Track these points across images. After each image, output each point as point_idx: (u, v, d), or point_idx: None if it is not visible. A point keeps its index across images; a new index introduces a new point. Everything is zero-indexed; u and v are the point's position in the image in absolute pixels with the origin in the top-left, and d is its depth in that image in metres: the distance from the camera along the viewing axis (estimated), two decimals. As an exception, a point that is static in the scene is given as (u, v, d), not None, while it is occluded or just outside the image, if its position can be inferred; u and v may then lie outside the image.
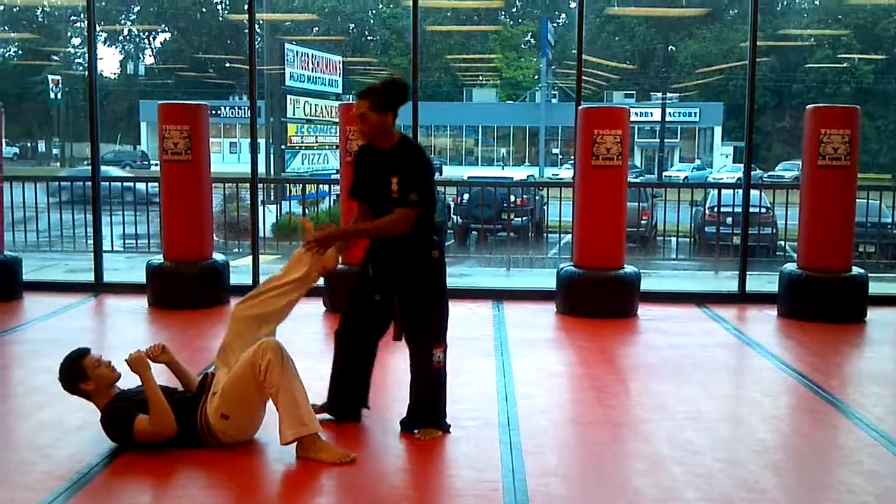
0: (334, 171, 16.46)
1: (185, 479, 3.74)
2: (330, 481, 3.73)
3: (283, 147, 16.54)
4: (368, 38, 58.24)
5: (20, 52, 56.51)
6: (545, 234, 15.31)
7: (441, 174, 40.48)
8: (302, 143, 16.93)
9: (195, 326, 6.79)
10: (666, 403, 4.91)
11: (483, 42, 53.85)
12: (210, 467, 3.84)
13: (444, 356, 4.32)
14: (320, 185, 15.36)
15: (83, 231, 10.27)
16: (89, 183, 8.55)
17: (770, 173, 35.01)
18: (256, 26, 8.23)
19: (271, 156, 17.83)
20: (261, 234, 8.81)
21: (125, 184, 12.62)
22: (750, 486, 3.74)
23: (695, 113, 46.98)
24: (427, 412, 4.29)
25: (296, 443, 3.88)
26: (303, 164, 16.95)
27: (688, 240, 14.62)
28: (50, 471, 3.80)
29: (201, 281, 7.46)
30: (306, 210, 12.28)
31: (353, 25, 57.83)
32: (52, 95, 46.58)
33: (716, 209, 11.86)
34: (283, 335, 6.43)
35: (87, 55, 8.74)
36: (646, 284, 7.68)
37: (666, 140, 41.99)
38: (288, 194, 14.56)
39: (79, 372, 3.95)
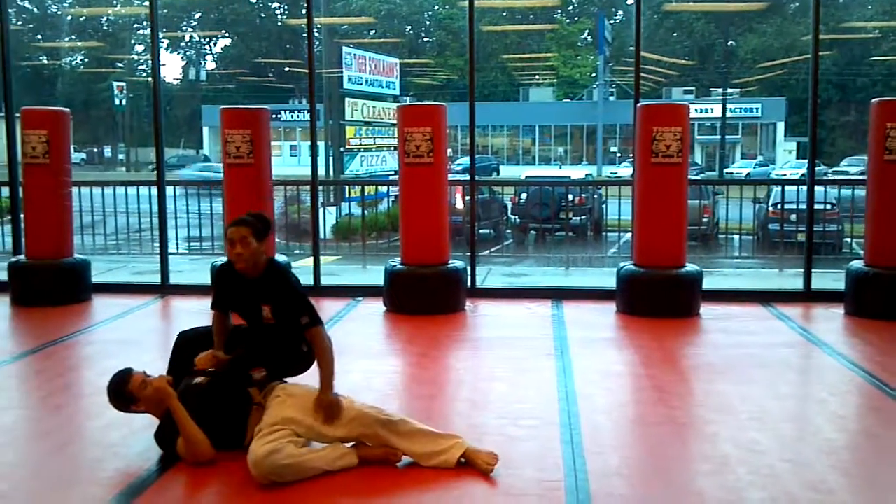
0: (392, 172, 16.56)
1: (251, 481, 3.80)
2: (392, 481, 3.76)
3: (341, 149, 16.70)
4: (424, 39, 58.49)
5: (86, 60, 57.97)
6: (604, 233, 15.21)
7: (498, 174, 40.48)
8: (360, 145, 17.08)
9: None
10: (730, 403, 4.84)
11: (539, 41, 53.68)
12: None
13: None
14: (379, 187, 15.48)
15: (149, 234, 10.51)
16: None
17: (835, 168, 34.25)
18: (314, 30, 8.32)
19: (330, 158, 18.01)
20: (321, 235, 8.90)
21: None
22: (817, 486, 3.68)
23: (756, 108, 46.20)
24: None
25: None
26: (361, 165, 17.09)
27: (751, 237, 14.38)
28: (120, 468, 3.89)
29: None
30: (365, 211, 12.36)
31: (409, 27, 58.12)
32: (117, 102, 47.67)
33: (779, 206, 11.65)
34: (345, 335, 6.54)
35: (150, 62, 8.95)
36: (708, 283, 7.59)
37: (727, 136, 41.33)
38: (347, 196, 14.69)
39: (127, 397, 4.00)
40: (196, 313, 7.40)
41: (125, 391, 3.99)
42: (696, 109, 35.38)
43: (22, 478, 3.87)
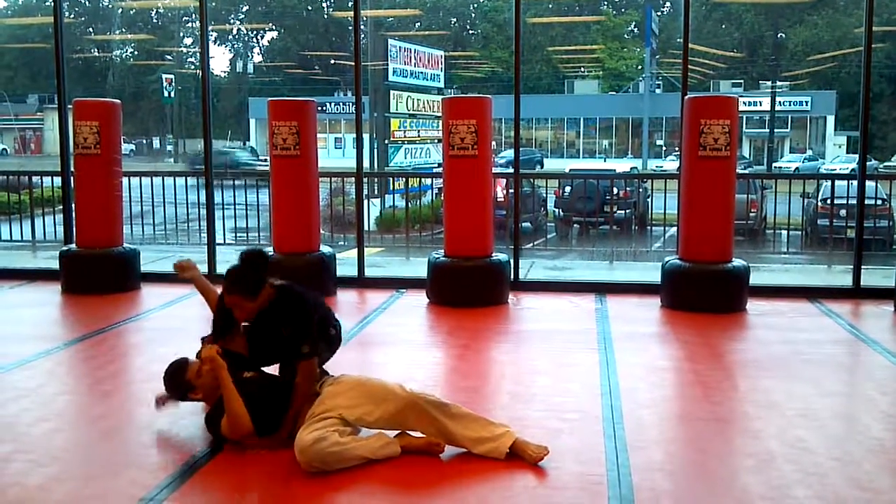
0: (436, 165, 16.60)
1: (294, 465, 3.85)
2: (436, 473, 3.78)
3: (386, 142, 16.78)
4: (470, 31, 58.37)
5: (136, 52, 58.81)
6: (649, 227, 15.08)
7: (542, 167, 40.32)
8: (404, 137, 17.14)
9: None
10: (776, 400, 4.79)
11: (585, 33, 53.32)
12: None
13: None
14: (422, 179, 15.51)
15: (196, 224, 10.65)
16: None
17: (886, 164, 33.57)
18: (361, 22, 8.36)
19: (375, 150, 18.12)
20: (365, 227, 8.96)
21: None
22: (864, 485, 3.63)
23: (806, 102, 45.44)
24: None
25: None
26: (405, 158, 17.15)
27: (799, 233, 14.17)
28: (167, 454, 3.97)
29: (311, 272, 7.64)
30: (409, 203, 12.41)
31: (454, 20, 58.06)
32: (166, 94, 48.25)
33: (829, 201, 11.47)
34: (387, 326, 6.58)
35: (199, 54, 9.05)
36: (755, 278, 7.49)
37: (776, 130, 40.73)
38: (391, 188, 14.76)
39: (185, 386, 4.09)
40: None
41: (182, 379, 4.08)
42: (744, 102, 34.90)
43: (72, 462, 3.95)
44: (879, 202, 12.17)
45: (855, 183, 8.14)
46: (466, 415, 3.96)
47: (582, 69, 54.12)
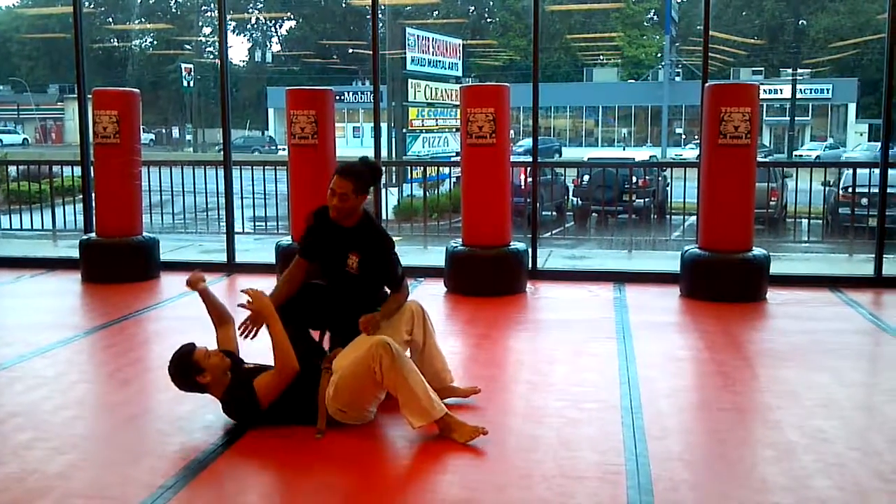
0: (454, 154, 16.58)
1: (312, 455, 3.86)
2: (454, 461, 3.78)
3: (404, 130, 16.75)
4: (488, 20, 58.20)
5: (155, 42, 59.05)
6: (668, 216, 15.00)
7: (560, 155, 40.19)
8: (422, 126, 17.11)
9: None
10: (796, 390, 4.75)
11: (604, 20, 53.02)
12: (337, 445, 3.95)
13: None
14: (441, 168, 15.49)
15: (216, 214, 10.68)
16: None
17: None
18: (378, 11, 8.33)
19: (393, 139, 18.11)
20: (383, 216, 8.95)
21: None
22: (886, 476, 3.59)
23: (827, 89, 45.04)
24: None
25: (439, 430, 3.95)
26: (423, 147, 17.12)
27: (820, 221, 14.05)
28: (186, 442, 3.98)
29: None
30: (427, 192, 12.41)
31: (472, 8, 57.91)
32: (185, 83, 48.47)
33: (850, 189, 11.36)
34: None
35: (218, 43, 9.06)
36: (775, 267, 7.43)
37: (796, 118, 40.39)
38: (409, 177, 14.74)
39: (194, 367, 4.02)
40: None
41: (190, 361, 4.01)
42: (765, 90, 34.59)
43: (91, 450, 3.98)
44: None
45: (877, 171, 8.04)
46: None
47: (601, 57, 53.90)
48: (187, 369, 4.03)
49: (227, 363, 4.08)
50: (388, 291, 4.39)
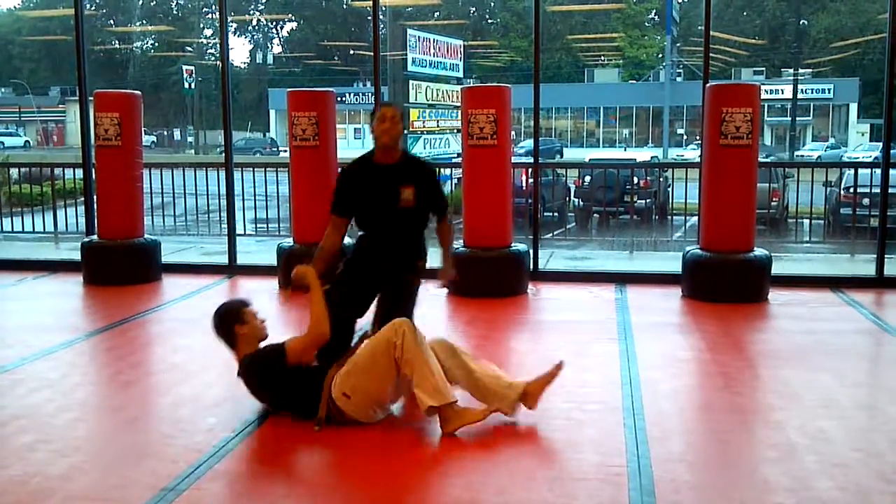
0: (455, 155, 16.56)
1: (314, 457, 3.86)
2: (457, 461, 3.78)
3: (405, 132, 16.74)
4: (489, 21, 58.19)
5: (157, 43, 59.08)
6: (669, 217, 14.99)
7: (562, 156, 40.18)
8: (424, 127, 17.10)
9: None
10: (798, 391, 4.75)
11: (605, 21, 53.01)
12: (338, 447, 3.95)
13: None
14: (442, 169, 15.48)
15: (217, 216, 10.68)
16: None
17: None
18: (379, 12, 8.34)
19: (394, 141, 18.04)
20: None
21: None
22: (888, 477, 3.59)
23: (828, 89, 45.01)
24: None
25: (438, 419, 3.98)
26: (424, 148, 17.12)
27: (821, 222, 14.05)
28: (187, 444, 3.98)
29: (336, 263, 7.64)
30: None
31: (473, 9, 57.90)
32: (186, 85, 48.45)
33: (852, 189, 11.35)
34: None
35: (219, 45, 9.07)
36: (777, 268, 7.43)
37: (798, 118, 40.36)
38: (410, 178, 14.71)
39: (239, 315, 4.19)
40: (262, 292, 7.53)
41: (238, 310, 4.21)
42: (766, 90, 34.58)
43: (92, 452, 3.98)
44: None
45: (878, 171, 8.04)
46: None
47: (602, 58, 53.87)
48: (232, 315, 4.20)
49: (265, 336, 4.22)
50: (437, 224, 4.69)
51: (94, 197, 8.46)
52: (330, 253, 4.59)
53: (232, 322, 4.19)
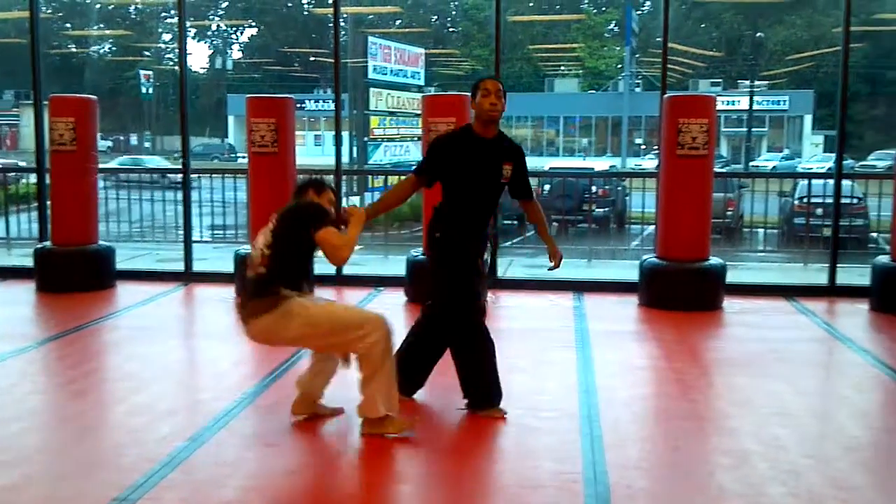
0: (415, 163, 16.57)
1: (270, 467, 3.83)
2: (413, 469, 3.77)
3: (365, 139, 16.72)
4: (450, 29, 58.35)
5: (114, 48, 58.35)
6: (627, 226, 15.12)
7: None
8: (384, 135, 17.08)
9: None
10: (751, 398, 4.81)
11: (565, 31, 53.40)
12: (291, 456, 3.93)
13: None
14: (402, 177, 15.46)
15: (173, 222, 10.56)
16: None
17: (862, 163, 33.85)
18: (340, 19, 8.32)
19: (354, 148, 18.04)
20: (344, 225, 8.90)
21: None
22: (840, 483, 3.65)
23: (784, 101, 45.71)
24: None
25: (362, 420, 4.04)
26: (384, 155, 17.10)
27: (775, 231, 14.25)
28: (141, 454, 3.92)
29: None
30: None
31: (435, 17, 58.03)
32: (144, 90, 47.94)
33: (805, 199, 11.54)
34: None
35: (177, 50, 8.99)
36: (731, 277, 7.53)
37: (753, 129, 40.94)
38: (370, 186, 14.70)
39: (321, 187, 4.27)
40: (220, 301, 7.46)
41: (326, 186, 4.31)
42: (722, 102, 35.08)
43: (44, 462, 3.91)
44: (855, 201, 12.26)
45: (831, 182, 8.19)
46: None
47: (562, 68, 54.23)
48: (317, 184, 4.33)
49: (360, 217, 4.25)
50: (526, 205, 4.70)
51: (48, 202, 8.33)
52: (390, 206, 4.68)
53: (312, 186, 4.27)
